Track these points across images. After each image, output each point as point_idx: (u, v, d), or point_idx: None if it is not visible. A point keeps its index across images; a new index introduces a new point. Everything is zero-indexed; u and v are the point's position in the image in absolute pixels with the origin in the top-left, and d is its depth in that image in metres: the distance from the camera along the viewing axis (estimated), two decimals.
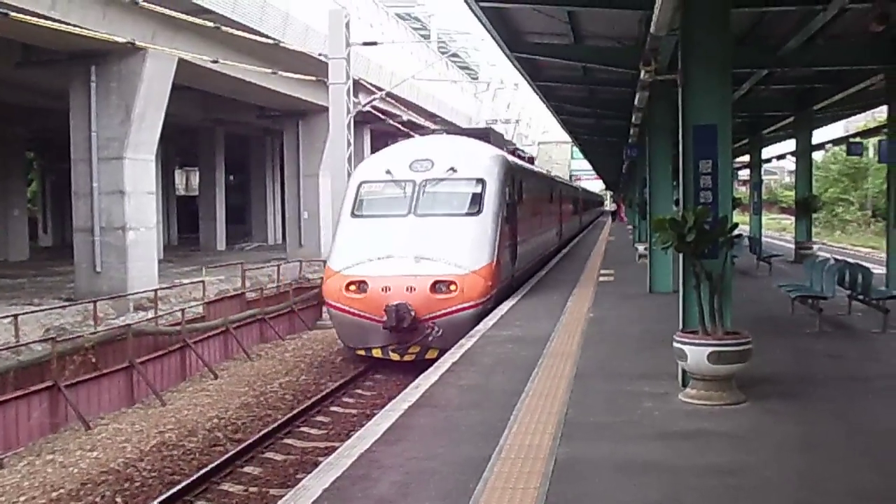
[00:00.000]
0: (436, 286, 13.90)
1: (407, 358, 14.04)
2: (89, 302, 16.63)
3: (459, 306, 13.87)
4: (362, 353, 14.70)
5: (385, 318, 13.50)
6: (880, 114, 29.76)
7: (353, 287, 14.15)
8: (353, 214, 15.51)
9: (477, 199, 15.32)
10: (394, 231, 14.78)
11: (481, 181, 15.53)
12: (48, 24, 15.03)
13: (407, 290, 13.74)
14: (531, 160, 29.81)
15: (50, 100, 25.89)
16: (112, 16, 17.84)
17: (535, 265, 21.67)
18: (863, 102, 21.78)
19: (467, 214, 15.17)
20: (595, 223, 63.68)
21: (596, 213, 74.01)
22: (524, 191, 19.55)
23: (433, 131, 26.53)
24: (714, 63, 7.98)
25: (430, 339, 13.81)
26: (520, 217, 18.24)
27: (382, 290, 13.81)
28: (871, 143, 30.63)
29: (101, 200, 19.70)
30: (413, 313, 13.54)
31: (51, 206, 42.76)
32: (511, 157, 19.63)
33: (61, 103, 21.44)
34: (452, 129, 27.67)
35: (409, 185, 15.36)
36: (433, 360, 10.87)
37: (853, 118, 36.05)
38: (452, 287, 13.96)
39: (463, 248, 14.49)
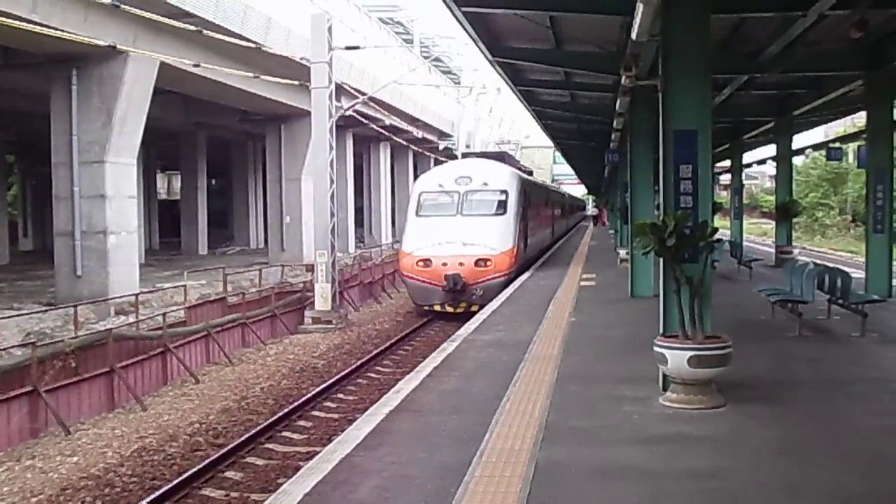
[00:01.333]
0: (477, 262, 20.16)
1: (459, 310, 19.83)
2: (70, 306, 16.47)
3: (493, 276, 20.14)
4: (427, 308, 20.78)
5: (444, 283, 19.73)
6: (860, 119, 29.89)
7: (421, 263, 20.50)
8: (416, 214, 22.01)
9: (502, 205, 21.80)
10: (447, 225, 21.09)
11: (505, 191, 22.06)
12: (29, 26, 14.88)
13: (458, 264, 19.96)
14: (530, 173, 35.86)
15: (31, 103, 25.66)
16: (93, 19, 17.70)
17: (538, 254, 28.48)
18: (842, 108, 22.00)
19: (496, 214, 21.63)
20: (578, 226, 64.31)
21: (579, 216, 75.23)
22: (530, 198, 25.87)
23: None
24: (694, 68, 8.03)
25: (474, 297, 19.76)
26: (528, 218, 24.66)
27: (442, 264, 20.06)
28: (851, 148, 30.92)
29: (82, 204, 19.51)
30: (463, 280, 19.73)
31: (31, 209, 42.27)
32: (522, 174, 26.59)
33: (42, 107, 21.23)
34: (433, 131, 31.12)
35: (455, 194, 21.88)
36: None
37: (833, 123, 36.43)
38: (489, 263, 20.24)
39: (494, 237, 20.84)
